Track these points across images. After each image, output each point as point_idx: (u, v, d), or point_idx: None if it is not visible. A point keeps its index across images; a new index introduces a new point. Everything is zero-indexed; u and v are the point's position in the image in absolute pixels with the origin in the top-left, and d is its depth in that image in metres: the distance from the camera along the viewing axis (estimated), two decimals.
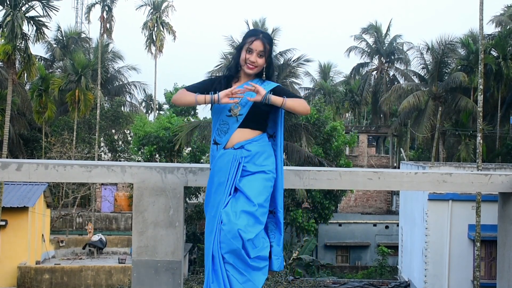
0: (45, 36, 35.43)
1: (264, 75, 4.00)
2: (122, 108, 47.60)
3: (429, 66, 40.01)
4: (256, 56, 3.92)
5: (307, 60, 35.31)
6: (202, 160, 39.20)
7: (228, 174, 3.85)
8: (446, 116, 39.97)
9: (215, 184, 3.92)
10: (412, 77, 47.70)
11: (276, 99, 3.84)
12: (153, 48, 51.32)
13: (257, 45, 3.91)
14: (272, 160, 3.96)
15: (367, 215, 44.37)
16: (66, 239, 32.86)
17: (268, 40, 3.97)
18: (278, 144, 4.07)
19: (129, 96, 50.42)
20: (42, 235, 29.24)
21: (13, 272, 25.60)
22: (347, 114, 62.60)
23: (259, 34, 3.95)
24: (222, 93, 3.78)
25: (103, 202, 42.46)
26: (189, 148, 39.60)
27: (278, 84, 4.00)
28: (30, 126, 41.89)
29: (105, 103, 46.58)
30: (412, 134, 44.43)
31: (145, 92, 52.93)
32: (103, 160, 42.55)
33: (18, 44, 30.71)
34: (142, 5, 51.68)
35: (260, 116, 3.95)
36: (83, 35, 51.92)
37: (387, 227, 40.97)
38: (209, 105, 3.94)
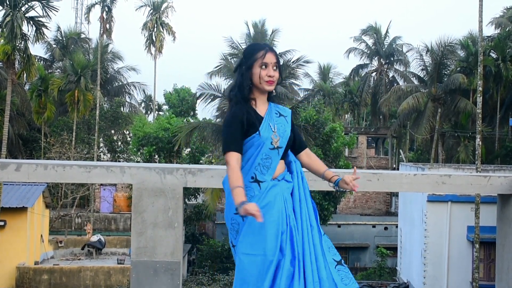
0: (45, 37, 35.46)
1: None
2: (122, 108, 47.57)
3: (428, 68, 40.02)
4: (272, 69, 3.56)
5: (307, 61, 35.34)
6: (201, 161, 39.23)
7: (294, 203, 3.55)
8: (445, 118, 39.99)
9: (270, 220, 3.40)
10: (412, 78, 47.69)
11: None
12: (152, 49, 51.31)
13: (271, 58, 3.56)
14: None
15: (366, 216, 44.34)
16: (65, 239, 32.84)
17: (275, 52, 3.66)
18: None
19: (129, 97, 50.40)
20: (41, 235, 29.22)
21: (11, 272, 25.59)
22: (346, 115, 62.58)
23: (266, 47, 3.61)
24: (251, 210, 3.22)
25: (102, 203, 42.43)
26: (189, 149, 39.61)
27: (291, 110, 3.82)
28: (29, 126, 41.86)
29: (104, 104, 46.56)
30: (411, 135, 44.45)
31: (144, 92, 52.97)
32: (102, 161, 42.53)
33: (17, 44, 30.72)
34: (142, 6, 51.71)
35: (289, 147, 3.69)
36: (82, 36, 51.90)
37: (386, 228, 40.95)
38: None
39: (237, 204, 3.27)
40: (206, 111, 55.97)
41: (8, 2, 30.53)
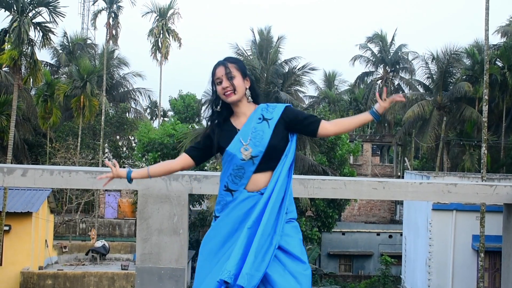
0: (51, 42, 35.55)
1: (249, 98, 3.58)
2: (127, 114, 47.67)
3: (434, 76, 40.00)
4: (227, 80, 3.49)
5: (312, 69, 35.34)
6: (206, 168, 39.20)
7: (255, 221, 3.39)
8: (450, 126, 39.93)
9: (230, 233, 3.44)
10: (417, 86, 47.68)
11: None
12: (158, 55, 51.38)
13: (220, 71, 3.51)
14: (294, 205, 3.58)
15: (371, 224, 44.27)
16: (69, 244, 32.86)
17: (231, 60, 3.59)
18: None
19: (134, 103, 50.54)
20: (46, 240, 29.25)
21: (16, 277, 25.60)
22: None
23: (219, 62, 3.58)
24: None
25: (107, 208, 42.45)
26: None
27: (285, 106, 3.58)
28: (35, 131, 41.96)
29: (110, 109, 46.66)
30: (416, 143, 44.38)
31: (150, 98, 53.08)
32: (107, 166, 42.55)
33: (24, 49, 30.81)
34: (148, 12, 51.81)
35: (279, 153, 3.49)
36: (89, 41, 52.07)
37: (390, 236, 40.86)
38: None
39: (125, 175, 3.77)
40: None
41: (15, 8, 30.65)
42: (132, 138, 45.73)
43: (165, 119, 56.57)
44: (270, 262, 3.34)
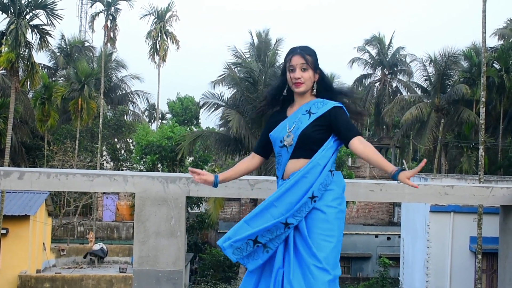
0: (49, 45, 35.52)
1: (314, 91, 3.76)
2: (125, 117, 47.64)
3: (431, 78, 40.04)
4: (300, 71, 3.67)
5: None
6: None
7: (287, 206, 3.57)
8: (448, 128, 39.98)
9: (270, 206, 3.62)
10: (415, 89, 47.75)
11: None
12: (156, 58, 51.44)
13: (296, 60, 3.68)
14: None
15: (369, 226, 44.28)
16: (67, 247, 32.82)
17: (308, 51, 3.73)
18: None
19: (132, 105, 50.52)
20: (43, 243, 29.21)
21: (13, 280, 25.56)
22: None
23: (297, 49, 3.73)
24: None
25: (105, 211, 42.42)
26: (192, 158, 39.63)
27: (335, 104, 3.70)
28: (32, 134, 41.93)
29: (108, 112, 46.63)
30: (414, 145, 44.43)
31: (148, 101, 53.03)
32: (105, 169, 42.56)
33: (21, 52, 30.80)
34: (146, 15, 51.89)
35: (312, 144, 3.65)
36: (86, 44, 52.03)
37: (389, 238, 40.87)
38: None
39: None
40: (210, 120, 56.14)
41: (12, 10, 30.64)
42: (130, 140, 45.71)
43: (163, 121, 56.57)
44: (262, 231, 3.52)
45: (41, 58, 66.52)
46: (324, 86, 3.77)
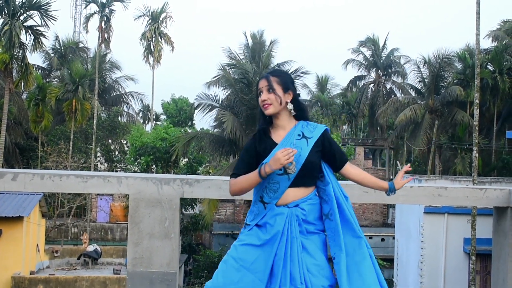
0: (43, 46, 35.52)
1: (293, 112, 3.65)
2: (119, 118, 47.57)
3: (425, 80, 40.13)
4: (266, 93, 3.58)
5: (305, 72, 35.35)
6: (198, 171, 39.20)
7: (288, 231, 3.54)
8: (442, 130, 40.07)
9: (262, 240, 3.57)
10: (409, 90, 47.83)
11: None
12: (151, 59, 51.36)
13: (262, 83, 3.61)
14: (322, 220, 3.69)
15: (363, 227, 44.09)
16: (61, 249, 32.72)
17: (276, 73, 3.66)
18: (328, 182, 3.69)
19: (126, 106, 50.42)
20: (37, 245, 29.12)
21: (7, 282, 25.47)
22: (344, 126, 62.65)
23: (263, 74, 3.72)
24: (274, 164, 3.42)
25: (99, 212, 42.34)
26: (186, 159, 39.58)
27: (325, 127, 3.69)
28: (26, 135, 41.83)
29: (102, 113, 46.55)
30: (408, 147, 44.49)
31: (142, 102, 53.01)
32: (99, 170, 42.46)
33: (15, 53, 30.77)
34: (140, 16, 51.81)
35: (314, 171, 3.64)
36: (81, 45, 51.95)
37: (383, 239, 40.92)
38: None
39: (257, 175, 3.48)
40: (204, 121, 56.07)
41: (6, 11, 30.59)
42: (125, 142, 45.63)
43: (158, 122, 56.52)
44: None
45: (35, 59, 66.45)
46: (298, 106, 3.67)
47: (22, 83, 33.82)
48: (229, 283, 3.50)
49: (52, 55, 49.36)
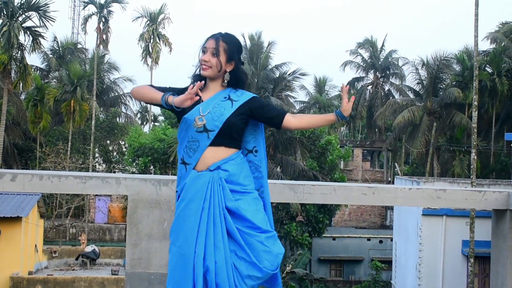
0: (41, 46, 35.53)
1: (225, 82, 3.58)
2: (117, 119, 47.60)
3: (424, 82, 40.17)
4: (210, 55, 3.50)
5: (303, 74, 35.43)
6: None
7: (210, 199, 3.43)
8: (440, 132, 40.10)
9: (188, 210, 3.47)
10: (407, 92, 47.88)
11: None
12: (149, 60, 51.32)
13: (210, 43, 3.51)
14: (251, 179, 3.59)
15: (361, 229, 44.32)
16: (59, 249, 32.71)
17: (227, 39, 3.57)
18: (263, 159, 3.68)
19: (125, 107, 50.46)
20: (35, 245, 29.11)
21: (5, 282, 25.46)
22: (342, 128, 62.67)
23: (216, 34, 3.58)
24: (179, 98, 3.37)
25: (97, 213, 42.34)
26: None
27: (253, 95, 3.62)
28: (24, 136, 41.82)
29: (100, 114, 46.58)
30: (406, 149, 44.52)
31: (140, 103, 52.97)
32: (98, 171, 42.46)
33: (14, 54, 30.76)
34: (138, 17, 51.76)
35: (235, 132, 3.54)
36: (79, 46, 51.96)
37: (381, 241, 40.91)
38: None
39: (159, 99, 3.44)
40: None
41: (5, 12, 30.59)
42: (123, 143, 45.64)
43: (156, 124, 56.52)
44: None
45: (34, 60, 66.41)
46: (235, 79, 3.61)
47: (21, 84, 33.85)
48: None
49: (51, 56, 49.37)
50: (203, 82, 3.38)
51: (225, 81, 3.58)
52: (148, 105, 55.04)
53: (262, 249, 3.42)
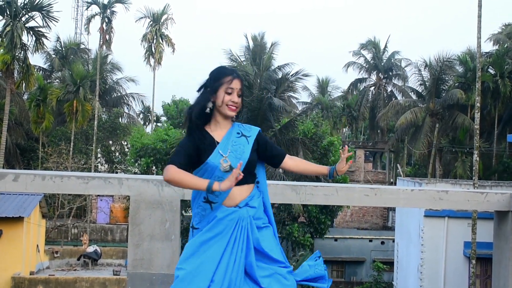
0: (44, 47, 35.54)
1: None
2: (120, 119, 47.60)
3: (426, 83, 40.13)
4: (236, 96, 3.53)
5: (305, 75, 35.38)
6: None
7: (237, 235, 3.48)
8: (443, 133, 40.05)
9: (214, 242, 3.51)
10: (410, 93, 47.83)
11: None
12: (151, 60, 51.36)
13: (237, 84, 3.54)
14: (265, 211, 3.70)
15: (363, 230, 44.29)
16: (61, 250, 32.72)
17: (241, 78, 3.65)
18: (264, 190, 3.71)
19: (127, 108, 50.45)
20: (37, 245, 29.12)
21: (7, 282, 25.47)
22: (344, 129, 62.65)
23: (234, 73, 3.59)
24: (226, 184, 3.32)
25: (99, 213, 42.34)
26: None
27: (259, 129, 3.71)
28: (27, 136, 41.85)
29: (102, 114, 46.59)
30: (409, 150, 44.47)
31: (143, 103, 53.00)
32: (100, 171, 42.48)
33: (17, 54, 30.78)
34: (141, 17, 51.81)
35: (253, 167, 3.62)
36: (82, 46, 52.00)
37: (383, 242, 40.87)
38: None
39: (205, 187, 3.32)
40: None
41: (8, 12, 30.62)
42: (125, 143, 45.64)
43: (158, 124, 56.50)
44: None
45: (37, 60, 66.58)
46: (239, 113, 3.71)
47: (24, 84, 33.85)
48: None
49: (54, 56, 49.41)
50: (241, 162, 3.39)
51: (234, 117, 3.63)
52: (150, 105, 55.16)
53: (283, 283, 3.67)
